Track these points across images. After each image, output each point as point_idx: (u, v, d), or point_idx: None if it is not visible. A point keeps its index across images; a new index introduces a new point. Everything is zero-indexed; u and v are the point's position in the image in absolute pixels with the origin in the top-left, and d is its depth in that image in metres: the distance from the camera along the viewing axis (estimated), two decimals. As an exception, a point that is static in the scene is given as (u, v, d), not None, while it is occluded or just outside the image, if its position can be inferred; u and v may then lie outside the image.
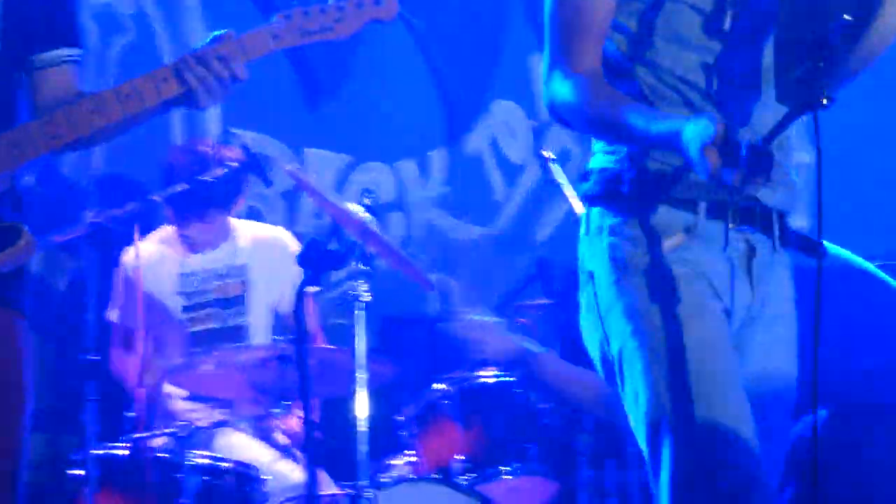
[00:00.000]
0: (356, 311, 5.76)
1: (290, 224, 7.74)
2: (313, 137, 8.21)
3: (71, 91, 4.21)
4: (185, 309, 6.84)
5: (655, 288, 3.54)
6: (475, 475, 5.94)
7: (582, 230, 3.73)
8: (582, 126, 3.87)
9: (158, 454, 5.81)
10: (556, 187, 6.83)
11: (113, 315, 6.88)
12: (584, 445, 6.23)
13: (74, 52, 4.26)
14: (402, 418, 6.38)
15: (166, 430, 6.10)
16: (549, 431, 6.23)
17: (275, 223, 7.65)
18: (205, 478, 5.76)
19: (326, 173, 8.40)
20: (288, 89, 8.42)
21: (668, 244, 3.51)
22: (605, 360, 3.66)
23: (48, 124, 4.09)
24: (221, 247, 6.97)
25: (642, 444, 3.53)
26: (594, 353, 3.71)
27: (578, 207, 6.96)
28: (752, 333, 3.68)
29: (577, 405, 5.71)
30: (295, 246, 6.90)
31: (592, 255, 3.65)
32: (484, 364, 6.52)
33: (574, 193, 6.83)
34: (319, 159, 8.30)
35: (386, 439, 6.28)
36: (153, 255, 6.88)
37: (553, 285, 6.52)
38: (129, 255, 6.78)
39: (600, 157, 3.73)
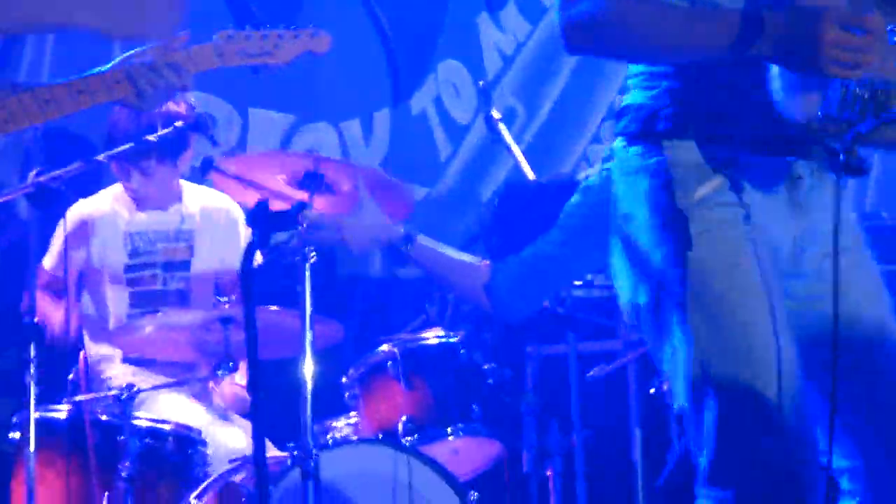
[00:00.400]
0: (305, 273, 5.59)
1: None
2: (258, 97, 8.17)
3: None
4: (129, 268, 6.73)
5: (695, 234, 3.47)
6: (418, 436, 5.92)
7: (616, 170, 3.66)
8: (619, 40, 3.64)
9: (100, 417, 5.77)
10: (503, 147, 6.92)
11: (47, 262, 6.89)
12: (528, 406, 6.23)
13: None
14: (346, 380, 6.31)
15: (108, 393, 6.01)
16: (493, 392, 6.16)
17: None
18: (146, 440, 5.73)
19: (271, 133, 8.39)
20: (233, 48, 8.35)
21: (706, 188, 3.44)
22: (636, 307, 3.63)
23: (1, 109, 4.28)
24: (170, 209, 6.92)
25: (681, 399, 3.51)
26: (624, 297, 3.67)
27: (526, 168, 7.11)
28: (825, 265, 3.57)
29: (450, 289, 5.84)
30: (242, 215, 6.92)
31: (629, 196, 3.59)
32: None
33: (519, 153, 7.03)
34: (263, 119, 8.31)
35: (330, 401, 6.23)
36: (104, 210, 6.90)
37: (494, 244, 6.53)
38: (75, 208, 6.78)
39: (637, 92, 3.64)
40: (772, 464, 3.40)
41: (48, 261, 6.91)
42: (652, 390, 6.33)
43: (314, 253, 5.49)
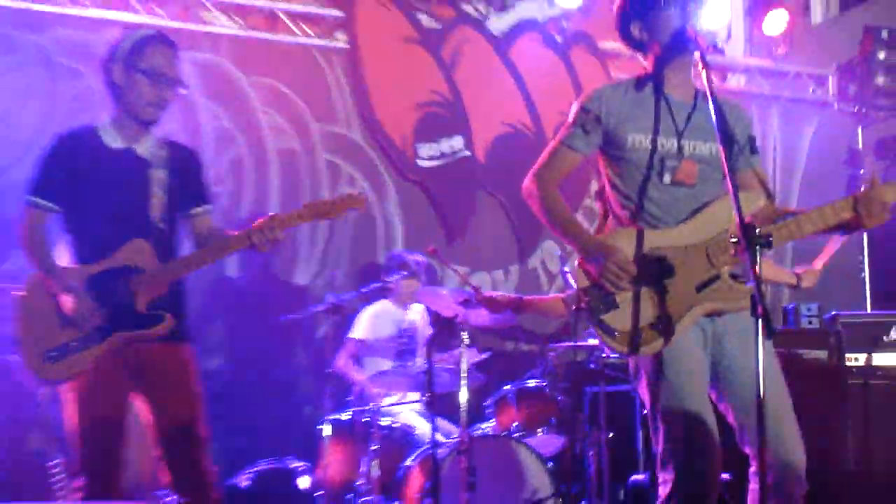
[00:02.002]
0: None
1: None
2: (447, 255, 8.58)
3: (210, 228, 4.97)
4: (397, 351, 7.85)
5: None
6: (524, 433, 7.18)
7: None
8: (545, 214, 4.43)
9: (363, 418, 7.08)
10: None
11: (353, 335, 7.87)
12: (581, 420, 7.50)
13: (210, 206, 5.02)
14: (488, 402, 7.59)
15: (368, 407, 7.19)
16: (563, 411, 7.33)
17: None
18: (385, 431, 7.09)
19: (452, 277, 9.16)
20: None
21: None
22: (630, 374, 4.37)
23: (203, 252, 4.83)
24: (407, 312, 8.00)
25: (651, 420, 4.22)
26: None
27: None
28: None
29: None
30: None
31: None
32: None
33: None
34: (449, 271, 8.95)
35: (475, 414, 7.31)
36: (379, 311, 7.99)
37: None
38: (362, 314, 7.95)
39: None
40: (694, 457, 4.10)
41: (355, 334, 7.89)
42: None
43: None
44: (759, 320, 3.41)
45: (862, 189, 4.20)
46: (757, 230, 3.46)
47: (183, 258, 4.77)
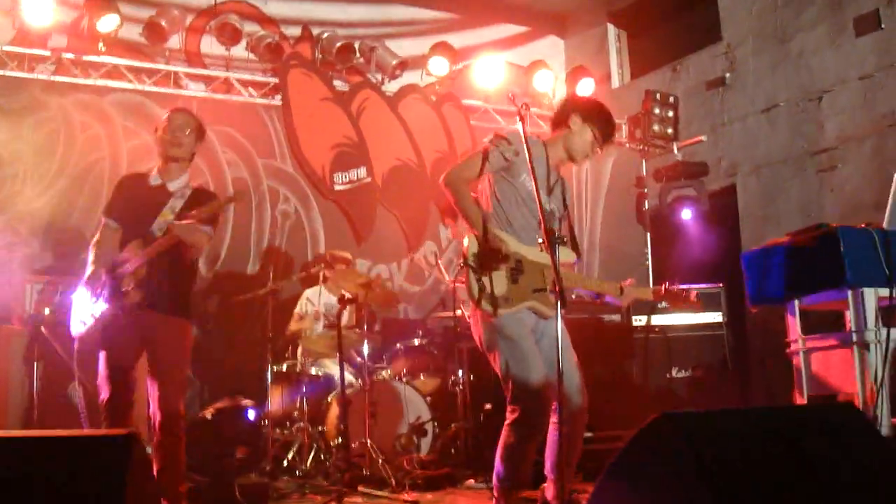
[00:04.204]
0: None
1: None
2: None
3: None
4: None
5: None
6: (410, 377, 7.51)
7: None
8: (459, 203, 4.28)
9: (296, 369, 7.20)
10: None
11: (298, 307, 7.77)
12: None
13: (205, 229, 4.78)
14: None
15: (298, 360, 7.32)
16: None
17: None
18: (311, 378, 7.23)
19: None
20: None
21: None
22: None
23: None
24: None
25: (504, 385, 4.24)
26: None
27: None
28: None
29: None
30: None
31: None
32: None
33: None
34: None
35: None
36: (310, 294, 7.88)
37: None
38: (305, 293, 7.92)
39: None
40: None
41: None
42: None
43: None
44: (559, 300, 3.77)
45: (625, 282, 4.56)
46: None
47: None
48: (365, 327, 7.16)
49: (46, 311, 6.22)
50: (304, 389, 7.07)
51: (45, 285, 6.66)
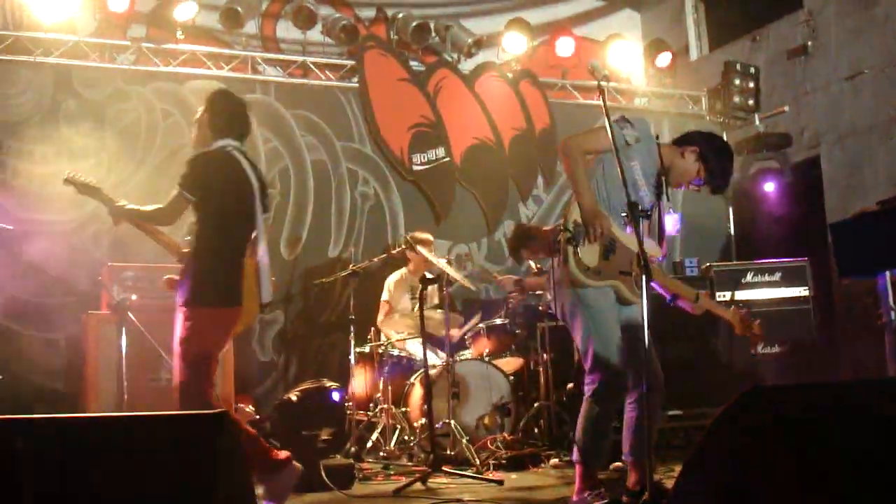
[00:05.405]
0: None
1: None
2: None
3: None
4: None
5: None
6: (492, 357, 7.44)
7: None
8: (572, 169, 4.35)
9: (378, 350, 7.29)
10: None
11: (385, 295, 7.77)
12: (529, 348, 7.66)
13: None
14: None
15: (381, 342, 7.35)
16: (519, 345, 7.63)
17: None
18: (393, 360, 7.24)
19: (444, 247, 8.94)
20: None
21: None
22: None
23: None
24: None
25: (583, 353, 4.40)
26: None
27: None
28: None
29: None
30: None
31: None
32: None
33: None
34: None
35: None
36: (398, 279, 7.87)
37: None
38: (388, 281, 7.87)
39: None
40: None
41: (386, 294, 7.80)
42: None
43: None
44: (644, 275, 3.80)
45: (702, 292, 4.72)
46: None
47: None
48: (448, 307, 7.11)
49: (133, 296, 6.30)
50: (387, 370, 7.10)
51: (131, 272, 6.83)
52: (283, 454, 4.64)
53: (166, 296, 5.18)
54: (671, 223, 3.98)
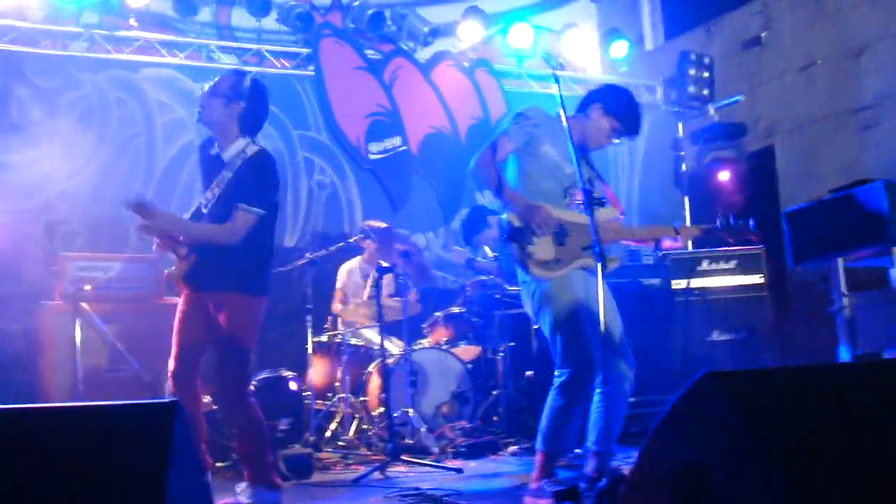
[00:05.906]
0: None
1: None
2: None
3: None
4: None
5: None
6: (450, 345, 7.48)
7: None
8: (489, 185, 4.39)
9: (335, 340, 7.34)
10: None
11: (339, 283, 7.75)
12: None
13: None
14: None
15: (338, 331, 7.39)
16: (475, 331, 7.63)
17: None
18: (351, 349, 7.34)
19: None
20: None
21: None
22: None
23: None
24: None
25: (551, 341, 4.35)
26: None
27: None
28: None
29: None
30: None
31: None
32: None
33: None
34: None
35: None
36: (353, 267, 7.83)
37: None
38: (341, 269, 7.87)
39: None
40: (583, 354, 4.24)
41: (339, 282, 7.77)
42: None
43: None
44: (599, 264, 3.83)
45: (680, 225, 4.55)
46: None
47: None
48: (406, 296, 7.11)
49: (87, 287, 6.26)
50: (345, 359, 7.08)
51: (85, 262, 6.75)
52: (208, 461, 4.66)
53: (121, 286, 5.07)
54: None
